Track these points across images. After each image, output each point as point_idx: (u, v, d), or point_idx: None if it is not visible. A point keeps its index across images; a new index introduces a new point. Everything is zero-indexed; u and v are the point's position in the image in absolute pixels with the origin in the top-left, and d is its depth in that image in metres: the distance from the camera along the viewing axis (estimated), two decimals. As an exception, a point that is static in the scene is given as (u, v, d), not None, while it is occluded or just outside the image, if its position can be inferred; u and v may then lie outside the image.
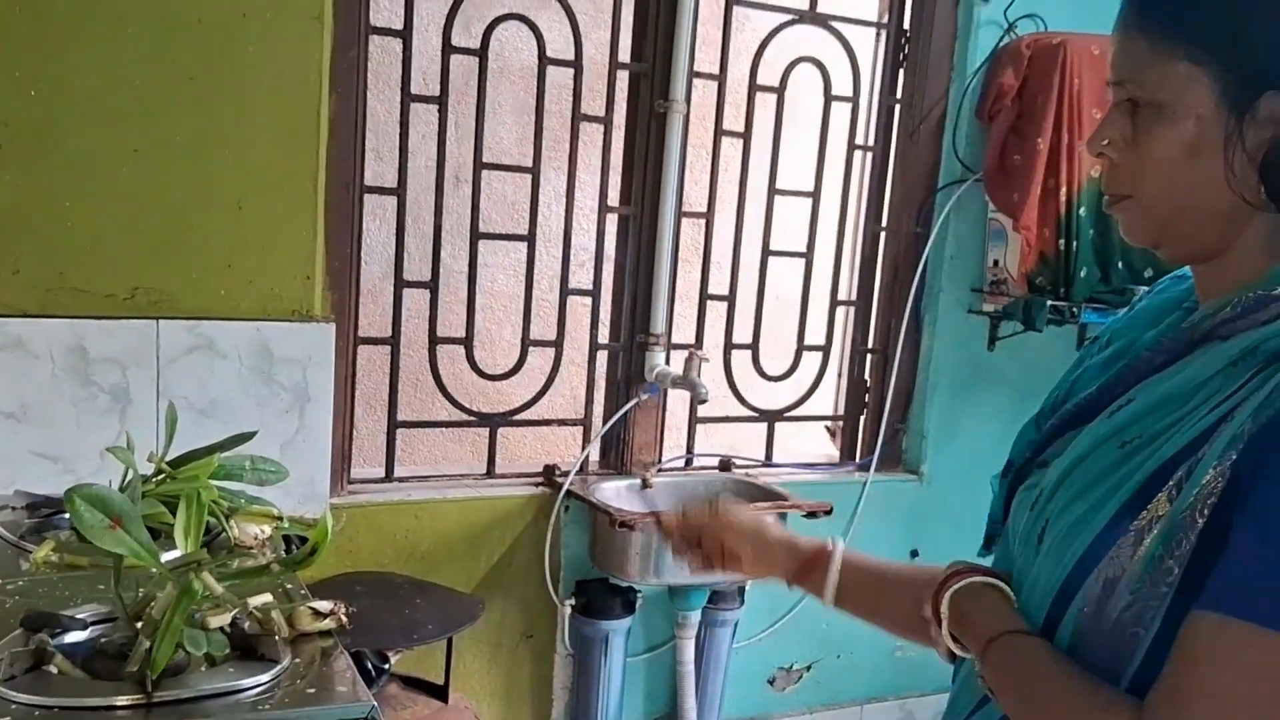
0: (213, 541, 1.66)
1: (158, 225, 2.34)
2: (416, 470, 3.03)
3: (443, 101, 2.77)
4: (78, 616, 1.46)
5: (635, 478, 3.06)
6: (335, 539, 1.43)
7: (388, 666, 2.38)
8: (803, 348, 3.34)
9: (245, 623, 1.45)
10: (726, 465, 3.25)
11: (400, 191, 2.78)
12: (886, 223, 3.35)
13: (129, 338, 2.33)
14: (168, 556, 1.40)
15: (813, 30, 3.17)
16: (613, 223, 3.04)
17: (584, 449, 3.08)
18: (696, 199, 3.18)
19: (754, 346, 3.27)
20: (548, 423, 3.14)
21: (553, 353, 3.02)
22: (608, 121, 2.96)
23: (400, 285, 2.83)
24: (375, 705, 1.36)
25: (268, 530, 1.73)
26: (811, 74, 3.16)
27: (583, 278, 3.05)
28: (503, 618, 2.94)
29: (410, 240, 2.85)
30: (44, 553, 1.65)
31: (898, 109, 3.30)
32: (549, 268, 3.13)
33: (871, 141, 3.32)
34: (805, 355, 3.35)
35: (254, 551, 1.67)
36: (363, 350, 2.79)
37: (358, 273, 2.69)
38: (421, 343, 2.93)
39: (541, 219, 2.95)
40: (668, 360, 3.08)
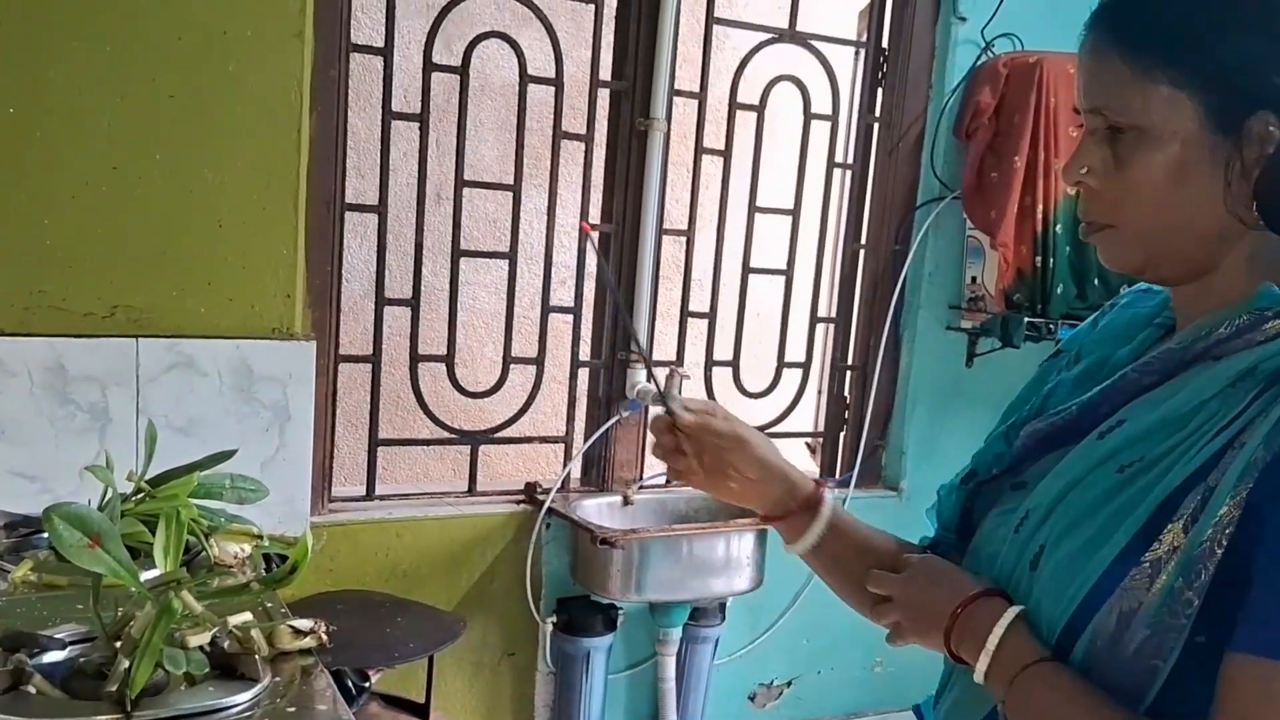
0: (192, 560, 1.66)
1: (137, 243, 2.33)
2: (398, 488, 3.03)
3: (424, 119, 2.78)
4: (56, 636, 1.44)
5: (616, 495, 3.06)
6: (316, 557, 1.43)
7: (368, 685, 2.37)
8: (783, 365, 3.35)
9: (225, 641, 1.44)
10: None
11: (381, 209, 2.78)
12: (866, 240, 3.37)
13: (108, 356, 2.32)
14: (147, 575, 1.39)
15: (792, 49, 3.19)
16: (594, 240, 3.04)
17: (565, 466, 3.08)
18: (677, 217, 3.20)
19: (734, 363, 3.28)
20: (529, 440, 3.14)
21: (534, 370, 3.02)
22: (589, 139, 2.97)
23: (381, 303, 2.83)
24: (356, 724, 1.35)
25: (248, 549, 1.72)
26: (791, 92, 3.18)
27: (564, 295, 3.06)
28: (484, 636, 2.94)
29: (391, 258, 2.85)
30: (22, 572, 1.64)
31: (876, 127, 3.32)
32: (530, 285, 3.13)
33: (851, 159, 3.33)
34: (785, 372, 3.36)
35: (234, 570, 1.66)
36: (344, 368, 2.79)
37: (339, 290, 2.69)
38: (403, 360, 2.92)
39: (523, 236, 2.95)
40: (649, 377, 3.08)
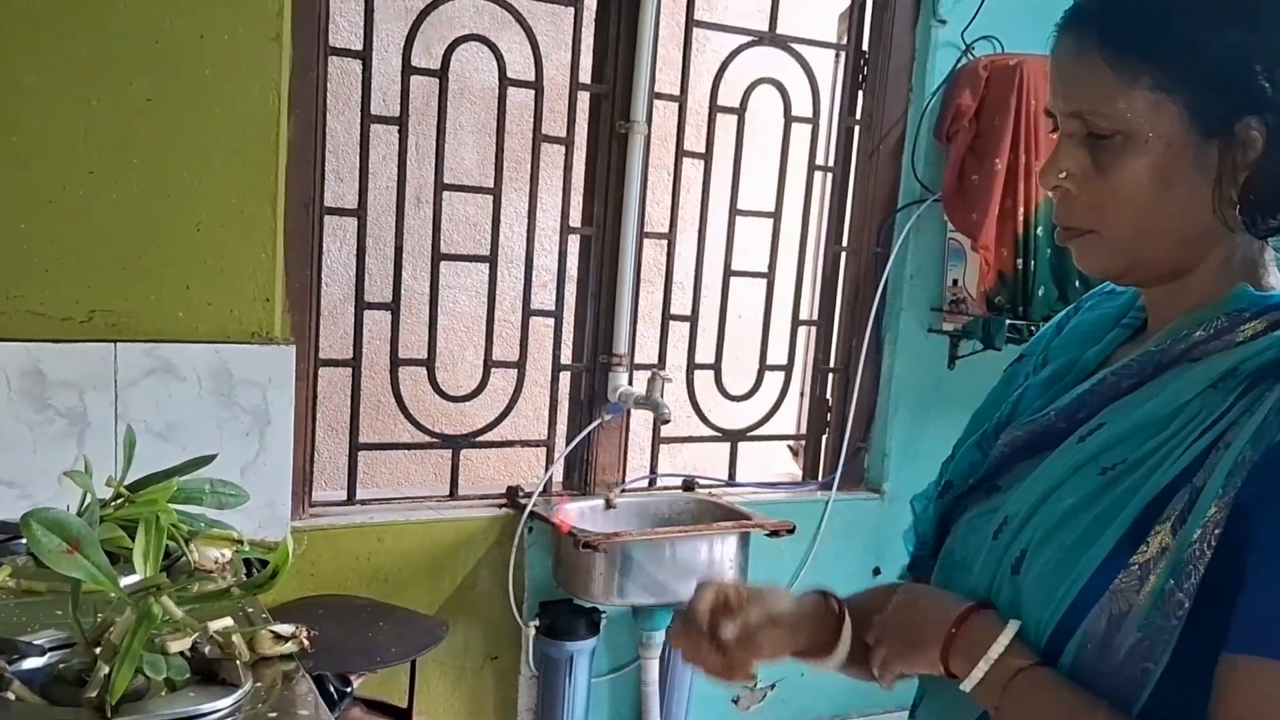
0: (172, 566, 1.65)
1: (115, 247, 2.32)
2: (379, 492, 3.01)
3: (403, 122, 2.77)
4: (35, 642, 1.44)
5: (599, 498, 3.05)
6: (296, 562, 1.42)
7: (350, 690, 2.36)
8: (765, 367, 3.35)
9: (206, 647, 1.43)
10: (690, 485, 3.25)
11: (361, 213, 2.77)
12: (847, 243, 3.37)
13: (86, 361, 2.31)
14: (126, 581, 1.38)
15: (772, 52, 3.19)
16: (574, 243, 3.04)
17: (547, 470, 3.07)
18: (658, 219, 3.20)
19: (716, 366, 3.28)
20: (510, 444, 3.13)
21: (515, 374, 3.01)
22: (569, 142, 2.97)
23: (361, 307, 2.82)
24: (337, 729, 1.35)
25: (228, 554, 1.71)
26: (771, 95, 3.18)
27: (545, 298, 3.05)
28: (466, 640, 2.93)
29: (371, 261, 2.84)
30: (1, 578, 1.62)
31: (857, 130, 3.32)
32: (511, 289, 3.12)
33: (831, 162, 3.34)
34: (768, 375, 3.36)
35: (214, 575, 1.65)
36: (324, 372, 2.78)
37: (318, 294, 2.68)
38: (383, 364, 2.91)
39: (503, 240, 2.95)
40: (630, 381, 3.08)
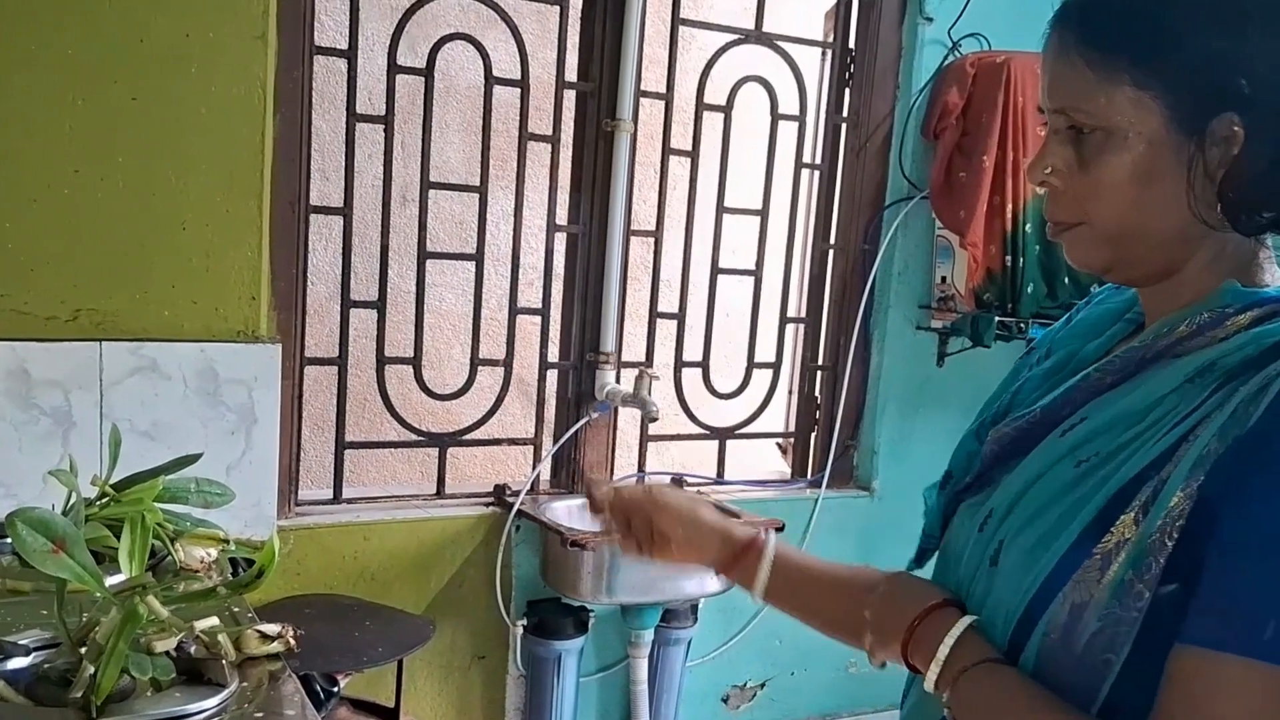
0: (158, 565, 1.63)
1: (100, 246, 2.31)
2: (365, 491, 3.00)
3: (389, 121, 2.77)
4: (20, 642, 1.43)
5: (586, 497, 3.04)
6: (283, 561, 1.42)
7: (337, 689, 2.35)
8: (753, 365, 3.35)
9: (191, 647, 1.43)
10: (679, 483, 3.24)
11: (346, 211, 2.77)
12: (835, 240, 3.37)
13: (71, 360, 2.30)
14: (112, 581, 1.37)
15: (759, 50, 3.19)
16: (561, 241, 3.03)
17: (534, 468, 3.06)
18: (645, 217, 3.19)
19: (704, 364, 3.28)
20: (498, 442, 3.12)
21: (502, 372, 3.01)
22: (555, 140, 2.97)
23: (347, 305, 2.81)
24: (324, 728, 1.34)
25: (214, 553, 1.70)
26: (758, 93, 3.18)
27: (532, 297, 3.05)
28: (454, 639, 2.92)
29: (357, 260, 2.83)
30: (-16, 578, 1.62)
31: (844, 127, 3.32)
32: (498, 287, 3.12)
33: (819, 160, 3.34)
34: (756, 372, 3.36)
35: (200, 575, 1.64)
36: (309, 371, 2.77)
37: (304, 293, 2.67)
38: (369, 363, 2.91)
39: (489, 238, 2.94)
40: (618, 379, 3.08)
